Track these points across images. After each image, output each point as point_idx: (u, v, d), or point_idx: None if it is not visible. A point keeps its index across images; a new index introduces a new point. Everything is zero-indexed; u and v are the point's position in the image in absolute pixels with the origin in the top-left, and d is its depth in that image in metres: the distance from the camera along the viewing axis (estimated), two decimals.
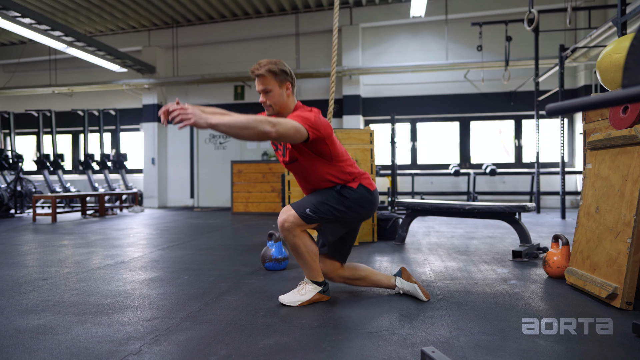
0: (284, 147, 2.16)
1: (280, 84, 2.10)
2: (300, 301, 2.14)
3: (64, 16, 9.70)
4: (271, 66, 2.07)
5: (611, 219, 2.15)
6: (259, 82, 2.09)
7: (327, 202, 2.09)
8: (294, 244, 2.08)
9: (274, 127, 1.84)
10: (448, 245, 4.02)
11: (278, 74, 2.09)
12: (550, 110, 0.94)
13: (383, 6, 9.35)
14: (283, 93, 2.12)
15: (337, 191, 2.12)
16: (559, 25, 8.45)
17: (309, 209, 2.06)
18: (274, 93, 2.09)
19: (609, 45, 2.57)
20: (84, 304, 2.16)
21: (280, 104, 2.12)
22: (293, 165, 2.16)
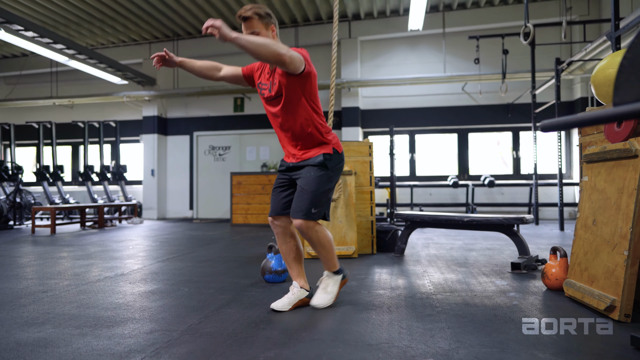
0: (271, 84, 2.24)
1: (266, 26, 2.20)
2: (334, 294, 2.33)
3: (66, 29, 9.80)
4: (256, 9, 2.17)
5: (608, 231, 2.17)
6: (247, 25, 2.18)
7: (320, 189, 2.20)
8: (317, 240, 2.25)
9: (287, 52, 2.00)
10: (447, 257, 4.03)
11: (264, 17, 2.18)
12: (545, 127, 0.97)
13: (381, 20, 9.47)
14: (269, 34, 2.21)
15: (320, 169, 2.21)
16: (555, 38, 8.57)
17: (312, 208, 2.18)
18: (261, 35, 2.17)
19: (602, 60, 2.62)
20: (84, 317, 2.16)
21: None
22: (276, 101, 2.23)
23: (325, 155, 2.23)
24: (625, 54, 0.86)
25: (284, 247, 2.36)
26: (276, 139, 9.87)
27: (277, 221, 2.33)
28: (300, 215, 2.18)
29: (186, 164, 10.66)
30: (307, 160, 2.25)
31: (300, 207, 2.18)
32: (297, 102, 2.19)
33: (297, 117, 2.21)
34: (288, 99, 2.19)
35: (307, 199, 2.18)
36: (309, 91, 2.21)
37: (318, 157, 2.23)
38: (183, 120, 10.71)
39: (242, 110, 10.38)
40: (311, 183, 2.19)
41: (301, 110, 2.20)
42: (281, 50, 1.98)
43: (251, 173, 8.37)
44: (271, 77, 2.24)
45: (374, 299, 2.52)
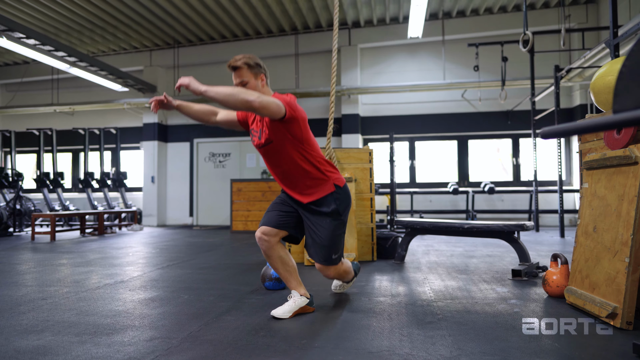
0: (261, 131, 2.28)
1: (256, 75, 2.27)
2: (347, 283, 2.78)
3: (67, 37, 9.86)
4: (246, 59, 2.24)
5: (609, 238, 2.16)
6: (236, 74, 2.25)
7: (336, 233, 2.29)
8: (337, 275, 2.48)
9: (258, 98, 2.02)
10: (447, 264, 4.02)
11: (253, 67, 2.26)
12: (545, 134, 0.97)
13: (381, 27, 9.53)
14: (258, 84, 2.28)
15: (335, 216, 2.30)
16: (554, 46, 8.62)
17: (333, 254, 2.31)
18: (250, 84, 2.24)
19: (602, 67, 2.64)
20: (84, 324, 2.15)
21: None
22: (268, 148, 2.26)
23: (332, 200, 2.28)
24: (624, 62, 0.87)
25: (273, 263, 2.34)
26: None
27: (266, 235, 2.28)
28: (322, 261, 2.33)
29: (186, 171, 10.66)
30: (314, 203, 2.29)
31: (319, 256, 2.31)
32: (287, 147, 2.22)
33: (289, 161, 2.25)
34: (277, 144, 2.23)
35: (325, 249, 2.29)
36: (298, 135, 2.22)
37: (327, 203, 2.27)
38: (183, 127, 10.73)
39: None
40: (327, 234, 2.28)
41: (293, 154, 2.24)
42: (249, 97, 2.01)
43: (251, 180, 8.37)
44: (261, 123, 2.29)
45: (375, 306, 2.51)
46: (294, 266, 2.37)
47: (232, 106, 2.04)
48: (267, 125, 2.23)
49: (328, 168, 2.34)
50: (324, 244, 2.27)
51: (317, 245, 2.29)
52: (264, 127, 2.25)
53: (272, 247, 2.30)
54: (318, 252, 2.29)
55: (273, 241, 2.30)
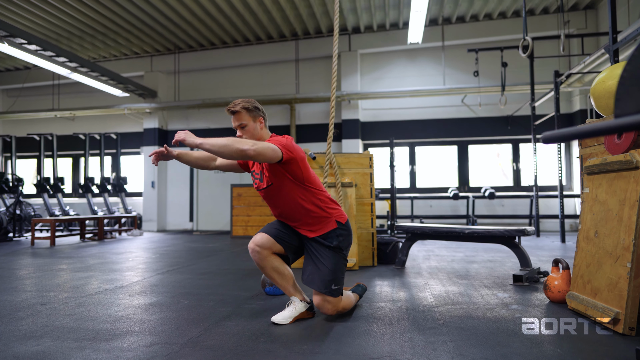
0: (262, 174, 2.31)
1: (254, 118, 2.32)
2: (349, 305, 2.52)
3: (68, 42, 9.90)
4: (245, 104, 2.30)
5: (610, 243, 2.16)
6: (235, 118, 2.31)
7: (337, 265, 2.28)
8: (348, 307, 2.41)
9: (253, 146, 2.05)
10: (448, 269, 4.00)
11: (251, 110, 2.31)
12: (547, 139, 0.97)
13: (381, 33, 9.57)
14: (257, 126, 2.33)
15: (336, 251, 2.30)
16: (553, 51, 8.65)
17: (332, 284, 2.25)
18: (248, 127, 2.30)
19: (601, 73, 2.64)
20: (83, 330, 2.14)
21: (255, 136, 2.32)
22: (269, 189, 2.29)
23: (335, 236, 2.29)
24: (625, 67, 0.87)
25: (268, 273, 2.31)
26: None
27: (258, 247, 2.24)
28: (322, 289, 2.24)
29: (186, 176, 10.67)
30: (320, 236, 2.30)
31: (319, 281, 2.24)
32: (289, 188, 2.25)
33: (291, 202, 2.27)
34: (278, 186, 2.26)
35: (327, 277, 2.25)
36: (298, 175, 2.24)
37: (330, 239, 2.29)
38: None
39: None
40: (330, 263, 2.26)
41: (294, 194, 2.25)
42: (244, 146, 2.03)
43: (251, 185, 8.37)
44: (261, 166, 2.33)
45: (376, 311, 2.50)
46: (290, 274, 2.34)
47: (228, 156, 2.08)
48: (266, 168, 2.26)
49: (330, 205, 2.35)
50: (325, 270, 2.25)
51: (318, 271, 2.26)
52: (264, 171, 2.29)
53: (265, 259, 2.26)
54: (318, 277, 2.24)
55: (265, 253, 2.25)
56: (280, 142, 2.18)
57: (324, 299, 2.25)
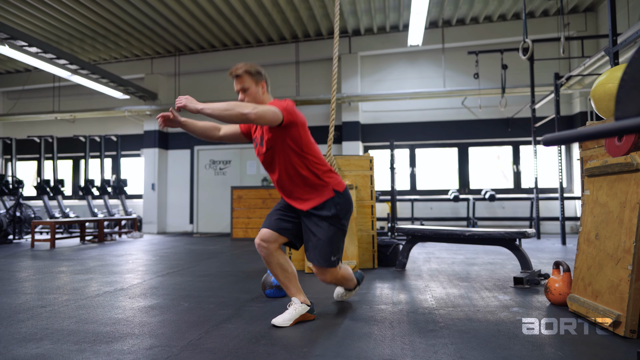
0: (262, 138, 2.30)
1: (256, 82, 2.30)
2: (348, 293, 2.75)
3: (69, 45, 9.92)
4: (247, 67, 2.28)
5: (611, 245, 2.15)
6: (237, 82, 2.29)
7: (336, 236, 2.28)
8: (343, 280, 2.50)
9: (253, 109, 2.05)
10: (449, 272, 4.00)
11: (253, 74, 2.29)
12: (547, 141, 0.97)
13: (381, 35, 9.58)
14: (259, 90, 2.31)
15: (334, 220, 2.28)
16: (553, 54, 8.66)
17: (332, 255, 2.28)
18: (250, 91, 2.29)
19: (602, 75, 2.64)
20: (83, 332, 2.14)
21: (257, 100, 2.30)
22: (268, 154, 2.28)
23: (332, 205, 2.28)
24: (626, 69, 0.87)
25: (273, 269, 2.32)
26: None
27: (265, 242, 2.26)
28: (319, 263, 2.28)
29: (187, 178, 10.67)
30: (315, 208, 2.29)
31: (317, 257, 2.27)
32: (288, 153, 2.24)
33: (289, 168, 2.26)
34: (277, 150, 2.25)
35: (323, 250, 2.26)
36: (297, 140, 2.24)
37: (327, 207, 2.27)
38: (184, 134, 10.75)
39: None
40: (325, 235, 2.26)
41: (293, 160, 2.25)
42: (244, 109, 2.03)
43: (252, 187, 8.37)
44: (261, 130, 2.32)
45: (376, 314, 2.49)
46: (293, 273, 2.35)
47: (229, 120, 2.06)
48: (267, 131, 2.25)
49: (328, 173, 2.34)
50: (322, 244, 2.25)
51: (315, 246, 2.26)
52: (264, 134, 2.28)
53: (272, 254, 2.29)
54: (317, 252, 2.26)
55: (272, 247, 2.28)
56: (281, 105, 2.18)
57: (323, 271, 2.32)
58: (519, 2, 8.14)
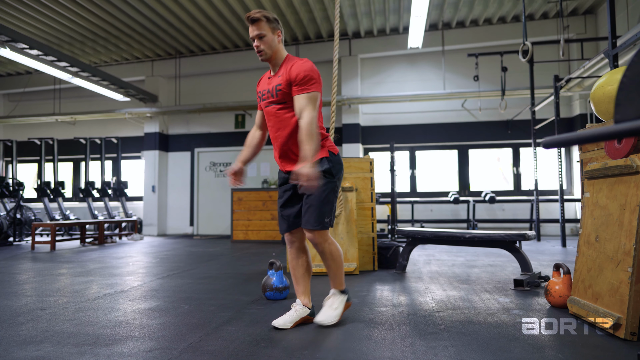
0: (275, 90, 2.24)
1: (273, 30, 2.23)
2: (337, 315, 2.30)
3: (70, 47, 9.94)
4: (265, 13, 2.21)
5: (611, 247, 2.16)
6: (255, 27, 2.21)
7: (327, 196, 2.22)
8: (330, 252, 2.29)
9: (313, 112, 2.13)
10: (449, 274, 4.00)
11: (272, 21, 2.23)
12: (547, 144, 0.98)
13: (381, 38, 9.60)
14: (275, 39, 2.24)
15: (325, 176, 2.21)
16: (553, 56, 8.67)
17: (325, 217, 2.21)
18: (267, 38, 2.21)
19: (601, 77, 2.65)
20: (83, 335, 2.14)
21: (272, 48, 2.25)
22: (277, 106, 2.25)
23: (326, 161, 2.24)
24: (625, 72, 0.87)
25: (295, 261, 2.37)
26: None
27: (291, 236, 2.35)
28: (313, 226, 2.20)
29: (187, 180, 10.67)
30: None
31: (311, 219, 2.20)
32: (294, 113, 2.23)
33: (293, 126, 2.23)
34: (289, 105, 2.23)
35: (317, 210, 2.20)
36: None
37: (320, 164, 2.22)
38: (184, 136, 10.77)
39: (243, 126, 10.44)
40: (318, 193, 2.20)
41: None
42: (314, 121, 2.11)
43: (252, 189, 8.37)
44: (272, 83, 2.27)
45: (376, 316, 2.49)
46: (308, 272, 2.39)
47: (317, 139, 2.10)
48: (285, 86, 2.20)
49: (326, 138, 2.33)
50: (314, 203, 2.19)
51: (310, 205, 2.21)
52: (280, 88, 2.22)
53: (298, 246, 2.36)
54: (310, 213, 2.20)
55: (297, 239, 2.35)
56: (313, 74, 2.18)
57: (315, 234, 2.23)
58: (518, 4, 8.16)
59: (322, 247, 2.26)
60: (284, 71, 2.22)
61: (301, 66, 2.18)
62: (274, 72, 2.31)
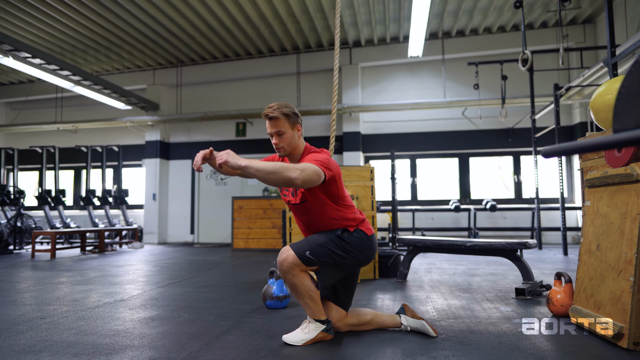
0: (295, 190, 2.17)
1: (292, 126, 2.15)
2: (304, 340, 2.10)
3: (72, 56, 10.01)
4: (284, 109, 2.12)
5: (612, 256, 2.15)
6: (272, 124, 2.12)
7: (327, 246, 2.10)
8: (292, 284, 2.09)
9: (300, 175, 1.88)
10: (450, 283, 3.98)
11: (290, 117, 2.14)
12: (547, 153, 0.98)
13: (381, 46, 9.66)
14: (295, 134, 2.16)
15: (337, 235, 2.13)
16: (553, 65, 8.71)
17: (309, 251, 2.06)
18: (286, 135, 2.13)
19: (601, 86, 2.66)
20: (83, 344, 2.12)
21: (292, 145, 2.17)
22: (302, 206, 2.18)
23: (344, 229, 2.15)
24: (623, 82, 0.88)
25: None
26: None
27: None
28: (292, 247, 2.08)
29: (188, 189, 10.68)
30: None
31: (297, 245, 2.10)
32: (321, 205, 2.14)
33: (320, 215, 2.16)
34: (311, 204, 2.15)
35: (307, 242, 2.11)
36: (334, 194, 2.15)
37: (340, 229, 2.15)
38: (185, 144, 10.79)
39: (244, 135, 10.47)
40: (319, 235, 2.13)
41: (327, 211, 2.15)
42: (292, 174, 1.86)
43: (252, 197, 8.37)
44: None
45: None
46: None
47: (273, 183, 1.91)
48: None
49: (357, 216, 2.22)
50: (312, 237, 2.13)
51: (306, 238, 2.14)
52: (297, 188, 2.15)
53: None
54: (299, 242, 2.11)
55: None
56: (322, 163, 2.01)
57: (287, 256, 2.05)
58: (517, 13, 8.22)
59: (285, 275, 2.08)
60: None
61: (316, 155, 2.09)
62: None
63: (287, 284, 2.11)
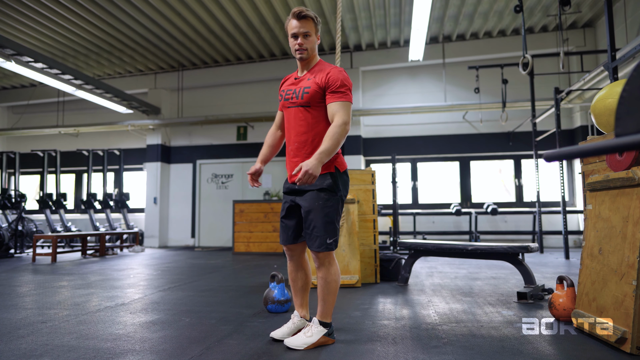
0: (301, 90, 2.17)
1: (316, 32, 2.20)
2: (307, 344, 2.10)
3: (74, 60, 10.05)
4: (314, 13, 2.15)
5: (615, 260, 2.14)
6: (302, 24, 2.12)
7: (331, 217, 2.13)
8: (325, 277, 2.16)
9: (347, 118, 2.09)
10: (452, 287, 3.97)
11: (317, 23, 2.18)
12: (548, 157, 0.98)
13: (382, 51, 9.69)
14: (316, 41, 2.20)
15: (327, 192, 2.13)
16: (553, 68, 8.72)
17: (328, 238, 2.12)
18: (312, 39, 2.17)
19: (602, 90, 2.66)
20: (84, 349, 2.12)
21: (313, 50, 2.20)
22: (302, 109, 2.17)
23: (329, 176, 2.14)
24: (624, 86, 0.88)
25: (294, 274, 2.33)
26: (279, 167, 9.92)
27: (290, 251, 2.30)
28: (316, 248, 2.12)
29: (189, 192, 10.68)
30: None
31: (315, 241, 2.11)
32: (315, 115, 2.16)
33: (309, 131, 2.17)
34: (312, 107, 2.17)
35: (320, 231, 2.10)
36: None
37: (324, 177, 2.13)
38: (186, 148, 10.81)
39: (245, 138, 10.48)
40: (320, 213, 2.11)
41: (317, 125, 2.16)
42: (347, 126, 2.07)
43: (253, 201, 8.37)
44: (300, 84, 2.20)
45: (379, 329, 2.47)
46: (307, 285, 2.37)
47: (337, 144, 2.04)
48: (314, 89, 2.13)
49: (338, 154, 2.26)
50: (317, 224, 2.10)
51: (312, 228, 2.12)
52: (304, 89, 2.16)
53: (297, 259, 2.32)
54: (313, 235, 2.11)
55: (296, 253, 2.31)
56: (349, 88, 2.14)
57: (319, 256, 2.14)
58: (518, 18, 8.24)
59: (321, 269, 2.16)
60: (317, 75, 2.15)
61: (339, 74, 2.13)
62: (301, 73, 2.25)
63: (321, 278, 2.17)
